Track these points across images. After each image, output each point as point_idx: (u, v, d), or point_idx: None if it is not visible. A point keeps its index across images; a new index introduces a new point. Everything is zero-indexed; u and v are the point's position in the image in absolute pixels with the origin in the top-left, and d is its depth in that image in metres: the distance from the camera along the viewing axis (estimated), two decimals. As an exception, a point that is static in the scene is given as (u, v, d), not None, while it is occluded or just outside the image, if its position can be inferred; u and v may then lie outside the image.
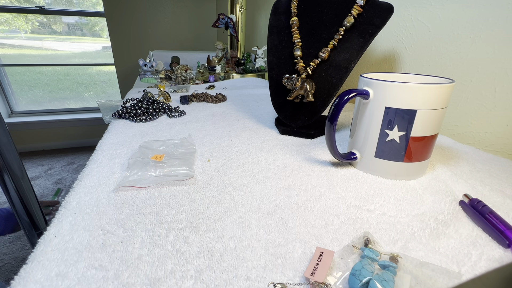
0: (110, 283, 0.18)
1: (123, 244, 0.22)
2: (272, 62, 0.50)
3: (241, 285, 0.19)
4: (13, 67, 2.18)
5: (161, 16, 2.07)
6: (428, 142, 0.31)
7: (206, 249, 0.22)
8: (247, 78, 1.00)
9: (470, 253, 0.22)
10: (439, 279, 0.19)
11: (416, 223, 0.25)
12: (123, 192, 0.29)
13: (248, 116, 0.57)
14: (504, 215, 0.26)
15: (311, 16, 0.47)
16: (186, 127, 0.50)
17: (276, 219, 0.25)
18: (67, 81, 2.38)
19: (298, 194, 0.29)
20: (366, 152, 0.33)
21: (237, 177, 0.33)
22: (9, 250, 1.25)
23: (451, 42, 0.48)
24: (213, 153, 0.39)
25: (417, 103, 0.29)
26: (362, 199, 0.29)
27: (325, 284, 0.18)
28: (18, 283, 0.18)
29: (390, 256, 0.20)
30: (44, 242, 0.21)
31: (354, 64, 0.42)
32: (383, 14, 0.43)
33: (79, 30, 2.36)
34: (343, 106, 0.30)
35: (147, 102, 0.55)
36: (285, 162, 0.37)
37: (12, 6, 2.03)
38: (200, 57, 1.30)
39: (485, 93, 0.44)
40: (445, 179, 0.33)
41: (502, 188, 0.31)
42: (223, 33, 1.73)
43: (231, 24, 1.02)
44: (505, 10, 0.41)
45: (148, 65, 0.99)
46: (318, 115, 0.45)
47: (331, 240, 0.23)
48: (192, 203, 0.27)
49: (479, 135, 0.46)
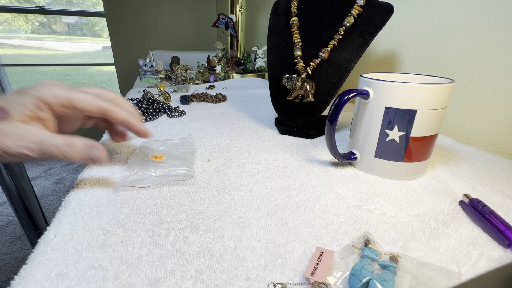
0: (110, 283, 0.18)
1: (123, 244, 0.22)
2: (272, 62, 0.50)
3: (241, 285, 0.19)
4: (13, 67, 2.19)
5: (161, 16, 2.07)
6: (428, 142, 0.31)
7: (206, 249, 0.22)
8: (247, 78, 1.00)
9: (470, 253, 0.22)
10: (439, 279, 0.19)
11: (416, 223, 0.25)
12: (123, 192, 0.29)
13: (248, 116, 0.57)
14: (504, 215, 0.26)
15: (311, 16, 0.47)
16: (186, 127, 0.50)
17: (276, 219, 0.25)
18: (67, 81, 2.38)
19: (298, 194, 0.29)
20: (366, 152, 0.33)
21: (237, 177, 0.33)
22: (9, 250, 1.25)
23: (451, 42, 0.48)
24: (213, 153, 0.39)
25: (417, 103, 0.29)
26: (362, 199, 0.29)
27: (325, 284, 0.18)
28: (18, 283, 0.18)
29: (390, 256, 0.20)
30: (44, 242, 0.21)
31: (354, 64, 0.43)
32: (383, 14, 0.43)
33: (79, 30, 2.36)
34: (343, 106, 0.30)
35: (147, 102, 0.55)
36: (285, 162, 0.37)
37: (12, 6, 2.03)
38: (200, 57, 1.29)
39: (485, 93, 0.44)
40: (445, 179, 0.33)
41: (502, 188, 0.31)
42: (223, 33, 1.73)
43: (231, 24, 1.02)
44: (505, 10, 0.41)
45: (148, 65, 0.99)
46: (318, 115, 0.45)
47: (331, 240, 0.23)
48: (192, 203, 0.27)
49: (479, 135, 0.46)
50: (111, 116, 0.28)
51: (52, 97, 0.25)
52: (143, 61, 0.99)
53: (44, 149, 0.24)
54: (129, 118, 0.29)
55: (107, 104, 0.28)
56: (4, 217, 1.49)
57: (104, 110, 0.28)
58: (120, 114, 0.28)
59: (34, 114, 0.24)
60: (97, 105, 0.27)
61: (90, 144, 0.26)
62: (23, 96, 0.24)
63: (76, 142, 0.25)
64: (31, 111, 0.24)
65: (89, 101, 0.27)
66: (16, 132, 0.23)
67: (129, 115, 0.29)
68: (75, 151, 0.26)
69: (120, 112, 0.29)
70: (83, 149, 0.26)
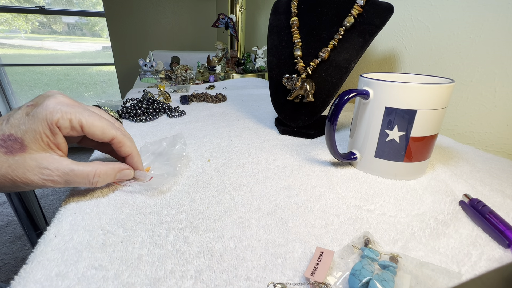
0: (110, 283, 0.18)
1: (123, 244, 0.22)
2: (272, 62, 0.50)
3: (241, 285, 0.19)
4: (13, 67, 2.19)
5: (161, 16, 2.07)
6: (428, 142, 0.31)
7: (206, 249, 0.22)
8: (247, 78, 1.00)
9: (470, 253, 0.22)
10: (439, 279, 0.19)
11: (416, 223, 0.25)
12: (123, 192, 0.29)
13: (248, 116, 0.57)
14: (504, 215, 0.26)
15: (311, 16, 0.47)
16: (186, 127, 0.50)
17: (276, 219, 0.25)
18: (67, 81, 2.38)
19: (298, 194, 0.29)
20: (366, 152, 0.33)
21: (237, 177, 0.33)
22: (9, 250, 1.25)
23: (451, 42, 0.48)
24: (213, 153, 0.39)
25: (417, 103, 0.29)
26: (362, 199, 0.29)
27: (325, 284, 0.18)
28: (18, 283, 0.18)
29: (390, 256, 0.20)
30: (44, 242, 0.21)
31: (354, 64, 0.43)
32: (383, 14, 0.43)
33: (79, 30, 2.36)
34: (343, 106, 0.30)
35: (147, 102, 0.55)
36: (285, 162, 0.37)
37: (12, 6, 2.03)
38: (200, 57, 1.29)
39: (485, 93, 0.44)
40: (445, 179, 0.33)
41: (502, 188, 0.31)
42: (223, 33, 1.73)
43: (231, 24, 1.02)
44: (505, 10, 0.41)
45: (148, 65, 0.99)
46: (318, 115, 0.45)
47: (331, 240, 0.23)
48: (192, 203, 0.27)
49: (479, 135, 0.46)
50: (120, 149, 0.27)
51: (65, 121, 0.23)
52: (143, 61, 0.99)
53: (70, 180, 0.23)
54: (135, 153, 0.28)
55: (120, 134, 0.26)
56: (4, 217, 1.49)
57: (115, 141, 0.26)
58: (128, 148, 0.27)
59: (50, 140, 0.23)
60: (110, 135, 0.25)
61: (119, 168, 0.26)
62: (34, 121, 0.22)
63: (106, 170, 0.25)
64: (46, 137, 0.23)
65: (101, 129, 0.25)
66: (37, 165, 0.22)
67: (136, 150, 0.28)
68: (106, 179, 0.25)
69: (128, 146, 0.27)
70: (113, 175, 0.25)
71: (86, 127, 0.24)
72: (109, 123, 0.26)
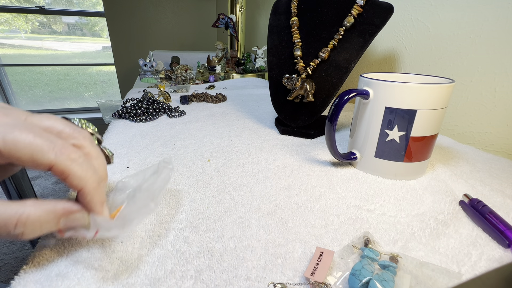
0: (110, 283, 0.18)
1: (123, 244, 0.22)
2: (272, 62, 0.50)
3: (241, 285, 0.19)
4: (13, 67, 2.19)
5: (161, 16, 2.07)
6: (428, 142, 0.31)
7: (206, 249, 0.22)
8: (247, 78, 1.00)
9: (470, 253, 0.22)
10: (439, 279, 0.19)
11: (416, 223, 0.25)
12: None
13: (248, 116, 0.57)
14: (504, 215, 0.26)
15: (311, 16, 0.47)
16: (186, 127, 0.50)
17: (276, 219, 0.25)
18: (67, 81, 2.38)
19: (298, 194, 0.29)
20: (366, 152, 0.33)
21: (237, 177, 0.33)
22: (9, 250, 1.25)
23: (451, 42, 0.48)
24: (213, 153, 0.39)
25: (417, 103, 0.29)
26: (362, 199, 0.29)
27: (325, 284, 0.18)
28: (18, 283, 0.18)
29: (390, 256, 0.20)
30: (44, 242, 0.21)
31: (354, 64, 0.43)
32: (383, 14, 0.43)
33: (79, 30, 2.36)
34: (343, 106, 0.30)
35: (147, 102, 0.55)
36: (285, 162, 0.37)
37: (12, 6, 2.03)
38: (200, 57, 1.29)
39: (485, 93, 0.44)
40: (445, 179, 0.33)
41: (502, 188, 0.31)
42: (223, 33, 1.73)
43: (231, 24, 1.02)
44: (505, 10, 0.41)
45: (148, 65, 0.99)
46: (318, 115, 0.45)
47: (331, 240, 0.23)
48: (192, 203, 0.27)
49: (479, 135, 0.46)
50: (65, 181, 0.17)
51: None
52: (143, 61, 0.99)
53: None
54: (90, 188, 0.18)
55: (64, 160, 0.17)
56: (4, 217, 1.49)
57: (55, 170, 0.17)
58: (76, 180, 0.17)
59: None
60: (45, 161, 0.16)
61: (64, 210, 0.17)
62: None
63: (39, 214, 0.16)
64: None
65: (31, 151, 0.16)
66: None
67: (92, 183, 0.18)
68: (41, 228, 0.16)
69: (78, 177, 0.17)
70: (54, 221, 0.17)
71: (4, 148, 0.15)
72: (50, 144, 0.16)
